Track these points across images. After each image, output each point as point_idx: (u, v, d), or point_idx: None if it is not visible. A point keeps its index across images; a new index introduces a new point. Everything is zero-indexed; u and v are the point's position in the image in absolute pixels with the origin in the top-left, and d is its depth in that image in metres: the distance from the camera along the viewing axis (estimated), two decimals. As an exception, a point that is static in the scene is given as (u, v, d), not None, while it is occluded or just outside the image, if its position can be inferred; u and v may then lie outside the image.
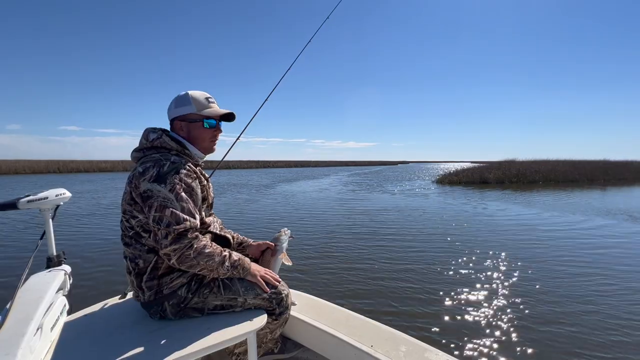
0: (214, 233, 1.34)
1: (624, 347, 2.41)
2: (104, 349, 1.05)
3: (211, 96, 1.33)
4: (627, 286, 3.50)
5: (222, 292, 1.24)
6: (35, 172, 32.20)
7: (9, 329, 0.96)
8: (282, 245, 1.48)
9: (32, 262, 1.20)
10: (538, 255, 4.58)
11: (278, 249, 1.47)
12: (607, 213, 8.21)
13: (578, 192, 14.07)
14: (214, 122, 1.30)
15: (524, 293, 3.31)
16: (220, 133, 1.34)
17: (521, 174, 19.43)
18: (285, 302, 1.33)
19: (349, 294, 3.34)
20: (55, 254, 1.43)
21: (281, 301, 1.31)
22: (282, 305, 1.31)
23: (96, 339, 1.11)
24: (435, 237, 5.76)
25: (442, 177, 20.56)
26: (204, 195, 1.28)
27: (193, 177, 1.18)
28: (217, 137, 1.34)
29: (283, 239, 1.49)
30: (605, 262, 4.32)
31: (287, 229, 1.53)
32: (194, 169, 1.23)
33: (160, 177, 1.09)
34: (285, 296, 1.33)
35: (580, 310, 2.95)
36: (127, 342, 1.08)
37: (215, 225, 1.36)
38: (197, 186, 1.20)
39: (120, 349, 1.04)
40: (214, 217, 1.43)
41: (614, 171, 22.01)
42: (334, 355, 1.40)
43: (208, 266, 1.13)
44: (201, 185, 1.25)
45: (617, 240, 5.54)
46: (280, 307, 1.30)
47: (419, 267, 4.12)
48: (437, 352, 1.24)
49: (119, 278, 3.71)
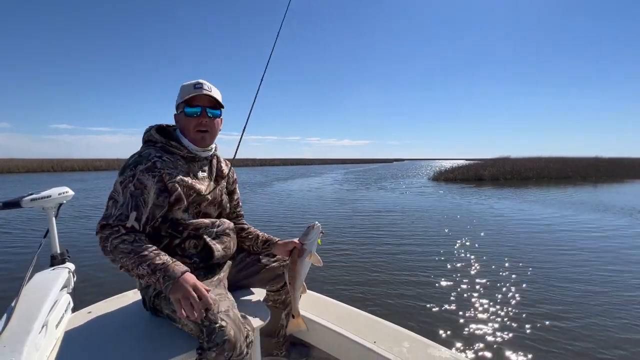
0: (204, 240, 1.16)
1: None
2: (108, 346, 1.05)
3: (205, 82, 1.19)
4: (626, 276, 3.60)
5: (168, 301, 1.06)
6: (29, 171, 31.69)
7: (15, 327, 0.99)
8: (310, 244, 1.24)
9: (36, 260, 1.22)
10: (540, 253, 4.59)
11: (305, 249, 1.24)
12: (606, 210, 8.36)
13: (571, 188, 14.26)
14: (193, 109, 1.16)
15: (528, 290, 3.31)
16: (206, 120, 1.17)
17: (515, 171, 19.63)
18: (217, 338, 0.89)
19: (350, 290, 3.33)
20: (59, 252, 1.45)
21: (211, 334, 0.90)
22: (212, 340, 0.89)
23: (101, 336, 1.11)
24: (436, 234, 5.77)
25: (438, 175, 20.60)
26: (187, 193, 1.13)
27: (154, 174, 1.06)
28: (203, 125, 1.17)
29: (311, 237, 1.23)
30: (607, 254, 4.45)
31: (318, 223, 1.25)
32: (168, 158, 1.12)
33: (122, 169, 1.09)
34: (218, 329, 0.90)
35: (585, 305, 2.98)
36: (131, 339, 1.08)
37: (213, 231, 1.20)
38: (154, 184, 1.06)
39: (125, 345, 1.04)
40: (222, 220, 1.27)
41: (605, 168, 22.29)
42: (337, 351, 1.41)
43: (124, 264, 1.00)
44: (181, 182, 1.11)
45: (608, 232, 5.67)
46: (209, 342, 0.90)
47: (420, 264, 4.14)
48: (440, 348, 1.24)
49: (123, 276, 3.73)
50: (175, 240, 1.15)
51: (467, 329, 2.60)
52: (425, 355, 1.20)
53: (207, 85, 1.19)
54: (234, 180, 1.41)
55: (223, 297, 1.05)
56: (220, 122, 1.26)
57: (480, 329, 2.61)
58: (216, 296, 1.02)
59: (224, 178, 1.31)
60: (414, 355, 1.20)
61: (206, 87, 1.18)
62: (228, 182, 1.35)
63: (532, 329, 2.60)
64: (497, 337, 2.48)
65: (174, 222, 1.13)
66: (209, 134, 1.20)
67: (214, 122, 1.21)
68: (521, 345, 2.38)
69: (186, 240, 1.15)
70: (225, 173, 1.33)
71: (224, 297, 1.06)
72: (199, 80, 1.20)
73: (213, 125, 1.21)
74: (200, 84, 1.18)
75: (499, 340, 2.45)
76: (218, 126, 1.25)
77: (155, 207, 1.07)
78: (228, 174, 1.34)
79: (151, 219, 1.07)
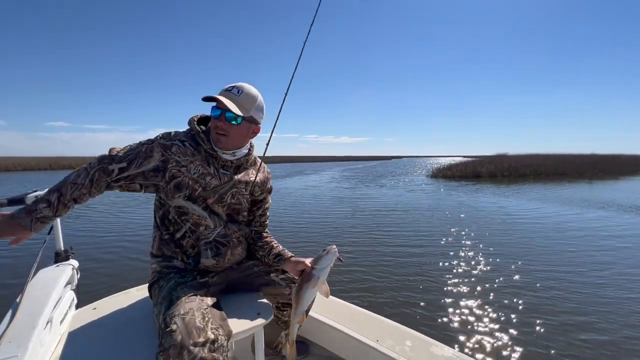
0: (199, 244, 1.17)
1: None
2: (112, 342, 1.05)
3: (237, 86, 1.16)
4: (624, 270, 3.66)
5: (157, 298, 1.08)
6: (26, 169, 31.55)
7: (20, 323, 1.00)
8: (319, 271, 1.07)
9: (40, 257, 1.22)
10: (546, 252, 4.58)
11: (314, 275, 1.07)
12: (604, 206, 8.46)
13: (568, 185, 14.37)
14: (215, 111, 1.15)
15: (532, 289, 3.30)
16: (222, 124, 1.14)
17: (513, 168, 19.77)
18: (166, 342, 0.85)
19: (353, 288, 3.35)
20: (63, 249, 1.46)
21: (162, 338, 0.87)
22: (162, 344, 0.86)
23: (104, 332, 1.11)
24: (438, 232, 5.77)
25: (437, 172, 20.65)
26: (190, 184, 1.14)
27: (163, 153, 1.12)
28: (220, 128, 1.14)
29: (324, 263, 1.06)
30: (609, 252, 4.50)
31: (334, 247, 1.08)
32: (187, 149, 1.15)
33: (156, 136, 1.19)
34: (168, 333, 0.86)
35: (587, 301, 3.00)
36: (135, 335, 1.08)
37: (212, 235, 1.18)
38: (158, 160, 1.11)
39: (128, 342, 1.04)
40: (231, 226, 1.24)
41: (601, 165, 22.49)
42: (340, 349, 1.40)
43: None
44: (187, 172, 1.13)
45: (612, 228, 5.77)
46: (160, 346, 0.86)
47: (422, 262, 4.15)
48: (443, 347, 1.23)
49: (126, 272, 3.77)
50: (177, 233, 1.17)
51: (469, 328, 2.61)
52: (427, 353, 1.20)
53: (237, 89, 1.16)
54: (266, 189, 1.36)
55: (191, 300, 0.98)
56: (245, 129, 1.19)
57: (483, 327, 2.61)
58: (185, 297, 0.98)
59: (248, 184, 1.27)
60: (417, 354, 1.20)
61: (236, 90, 1.16)
62: (255, 190, 1.30)
63: (534, 326, 2.61)
64: (500, 336, 2.49)
65: (177, 209, 1.15)
66: (225, 138, 1.16)
67: (232, 127, 1.15)
68: (525, 344, 2.38)
69: (186, 236, 1.16)
70: (251, 180, 1.28)
71: (192, 298, 0.99)
72: (236, 83, 1.17)
73: (231, 131, 1.15)
74: (233, 86, 1.16)
75: (502, 339, 2.45)
76: (240, 133, 1.18)
77: (141, 174, 1.10)
78: (254, 181, 1.29)
79: (129, 179, 1.10)
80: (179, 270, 1.16)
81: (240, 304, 1.21)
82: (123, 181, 1.09)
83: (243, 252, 1.30)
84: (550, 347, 2.34)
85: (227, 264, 1.24)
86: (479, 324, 2.67)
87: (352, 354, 1.35)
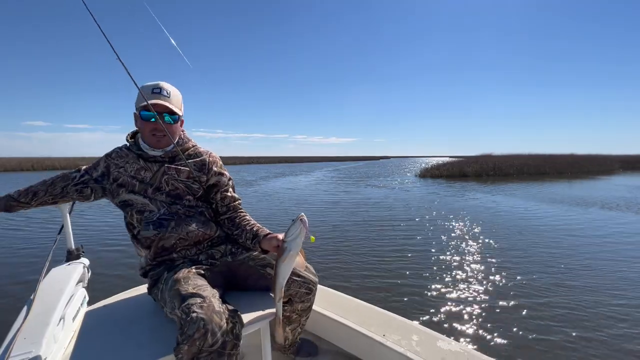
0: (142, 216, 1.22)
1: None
2: (123, 338, 1.05)
3: (165, 87, 1.20)
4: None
5: (161, 294, 1.12)
6: (7, 170, 30.40)
7: (34, 320, 1.03)
8: (290, 242, 1.00)
9: (52, 255, 1.27)
10: (543, 247, 4.67)
11: (285, 247, 1.01)
12: (584, 203, 8.77)
13: (548, 183, 14.80)
14: (149, 113, 1.16)
15: (537, 284, 3.33)
16: (161, 126, 1.17)
17: (497, 168, 20.34)
18: (189, 330, 0.86)
19: (358, 283, 3.36)
20: (74, 248, 1.50)
21: (184, 327, 0.88)
22: (185, 332, 0.86)
23: (116, 329, 1.11)
24: (438, 230, 5.84)
25: (425, 171, 20.88)
26: (130, 181, 1.22)
27: (106, 160, 1.26)
28: (159, 130, 1.19)
29: (292, 233, 1.00)
30: (605, 248, 4.66)
31: (303, 215, 1.01)
32: (123, 153, 1.27)
33: None
34: (189, 321, 0.87)
35: (587, 298, 3.03)
36: (145, 332, 1.08)
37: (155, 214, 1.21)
38: (102, 167, 1.25)
39: (139, 338, 1.05)
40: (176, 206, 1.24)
41: (579, 164, 23.37)
42: (347, 344, 1.41)
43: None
44: (125, 172, 1.23)
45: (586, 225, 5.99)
46: (182, 335, 0.87)
47: (427, 258, 4.20)
48: (450, 341, 1.22)
49: (136, 270, 3.77)
50: (134, 229, 1.24)
51: (476, 322, 2.62)
52: (434, 348, 1.19)
53: (166, 91, 1.19)
54: (213, 172, 1.33)
55: (202, 289, 1.01)
56: (179, 125, 1.27)
57: (489, 322, 2.62)
58: (194, 289, 1.00)
59: (180, 171, 1.27)
60: (423, 348, 1.19)
61: (165, 92, 1.19)
62: (199, 176, 1.30)
63: (540, 320, 2.63)
64: (507, 330, 2.49)
65: (122, 202, 1.24)
66: (167, 138, 1.22)
67: (170, 127, 1.21)
68: (530, 338, 2.39)
69: (136, 226, 1.22)
70: (185, 168, 1.28)
71: (204, 288, 1.02)
72: (159, 83, 1.20)
73: (170, 129, 1.21)
74: (159, 88, 1.19)
75: (508, 334, 2.45)
76: (177, 129, 1.26)
77: (92, 180, 1.25)
78: (189, 168, 1.28)
79: (83, 183, 1.24)
80: (159, 264, 1.23)
81: (244, 300, 1.19)
82: (80, 185, 1.23)
83: (203, 228, 1.25)
84: (557, 342, 2.34)
85: (173, 234, 1.20)
86: (486, 318, 2.67)
87: (360, 349, 1.35)
